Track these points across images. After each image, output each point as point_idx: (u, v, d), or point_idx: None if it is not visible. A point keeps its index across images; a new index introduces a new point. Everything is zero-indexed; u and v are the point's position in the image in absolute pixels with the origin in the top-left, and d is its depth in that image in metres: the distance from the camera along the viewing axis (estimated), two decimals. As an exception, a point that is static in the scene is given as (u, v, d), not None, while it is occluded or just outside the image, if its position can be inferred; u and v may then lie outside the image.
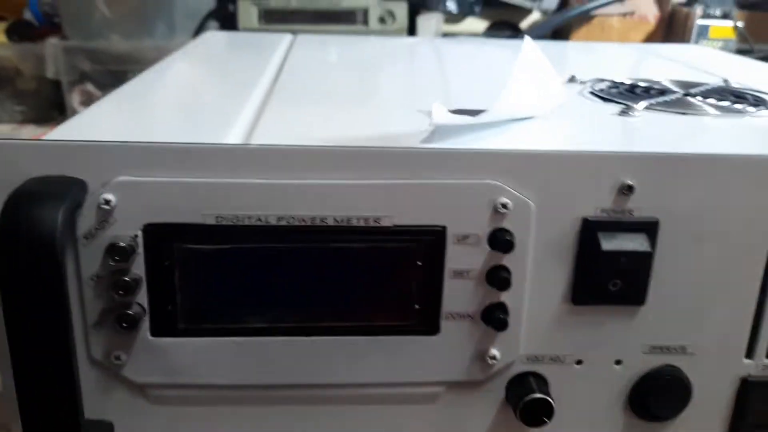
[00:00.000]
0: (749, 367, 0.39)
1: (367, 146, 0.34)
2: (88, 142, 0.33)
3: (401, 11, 1.40)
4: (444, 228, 0.35)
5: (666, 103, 0.48)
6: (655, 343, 0.38)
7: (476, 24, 1.47)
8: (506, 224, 0.35)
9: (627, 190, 0.35)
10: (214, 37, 0.76)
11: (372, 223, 0.35)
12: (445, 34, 1.43)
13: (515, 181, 0.35)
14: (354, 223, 0.35)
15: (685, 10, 1.56)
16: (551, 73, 0.42)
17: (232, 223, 0.34)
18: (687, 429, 0.40)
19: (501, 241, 0.35)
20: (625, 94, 0.51)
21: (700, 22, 1.51)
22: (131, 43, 1.10)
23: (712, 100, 0.50)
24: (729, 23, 1.51)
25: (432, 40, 0.85)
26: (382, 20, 1.37)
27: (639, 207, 0.36)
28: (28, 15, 1.19)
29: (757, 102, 0.50)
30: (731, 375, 0.39)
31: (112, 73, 1.12)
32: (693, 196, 0.36)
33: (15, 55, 1.13)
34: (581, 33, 1.43)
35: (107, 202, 0.33)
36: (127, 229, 0.34)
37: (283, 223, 0.34)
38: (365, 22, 1.35)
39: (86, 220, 0.34)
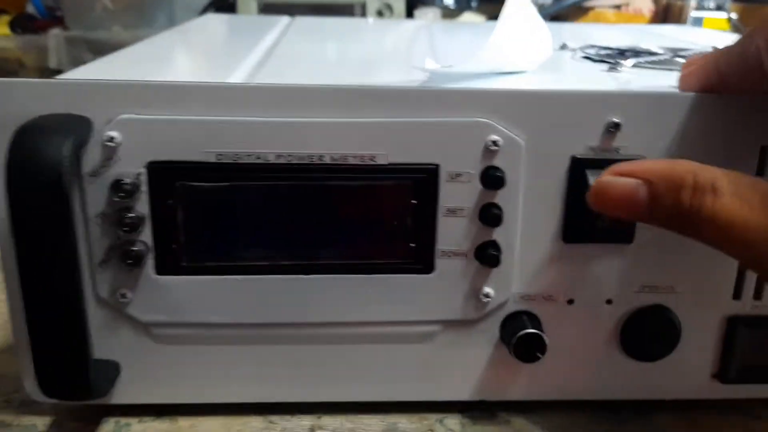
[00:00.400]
0: (737, 307, 0.40)
1: (363, 85, 0.36)
2: (93, 80, 0.35)
3: (399, 5, 1.42)
4: (437, 166, 0.36)
5: (654, 62, 0.50)
6: (645, 283, 0.39)
7: (473, 19, 1.49)
8: (497, 162, 0.36)
9: (614, 128, 0.36)
10: (214, 17, 0.78)
11: (367, 161, 0.36)
12: (442, 26, 1.43)
13: (506, 119, 0.36)
14: (350, 161, 0.36)
15: (679, 2, 1.57)
16: (540, 24, 0.43)
17: (232, 161, 0.35)
18: (676, 369, 0.41)
19: (492, 178, 0.36)
20: (615, 56, 0.52)
21: (694, 14, 1.53)
22: (132, 34, 1.11)
23: (699, 61, 0.51)
24: (723, 15, 1.52)
25: (429, 23, 0.86)
26: (380, 14, 1.39)
27: (626, 145, 0.37)
28: (30, 8, 1.21)
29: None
30: (719, 315, 0.40)
31: (114, 64, 1.14)
32: (678, 134, 0.37)
33: (18, 47, 1.15)
34: (576, 24, 1.44)
35: (111, 139, 0.35)
36: (131, 167, 0.35)
37: (282, 161, 0.36)
38: (363, 15, 1.36)
39: (91, 157, 0.35)
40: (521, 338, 0.38)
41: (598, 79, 0.43)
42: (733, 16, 1.49)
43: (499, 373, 0.41)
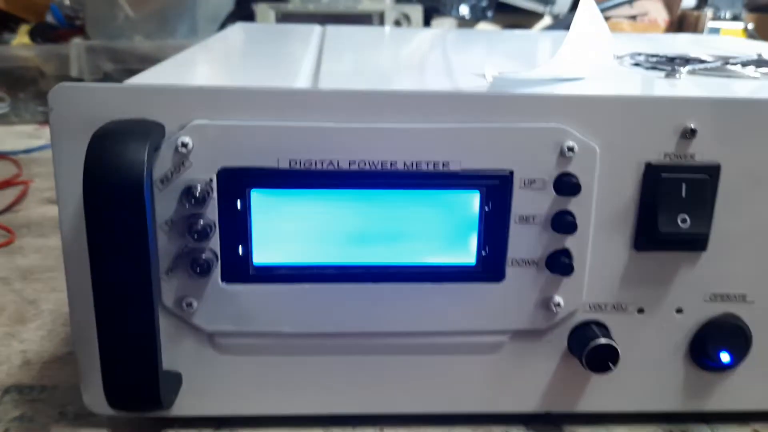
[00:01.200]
0: (807, 316, 0.40)
1: (435, 91, 0.35)
2: (167, 85, 0.34)
3: (416, 15, 1.42)
4: (511, 172, 0.36)
5: (708, 69, 0.49)
6: (716, 291, 0.39)
7: (488, 29, 1.49)
8: (572, 168, 0.36)
9: (690, 134, 0.36)
10: (248, 26, 0.78)
11: (441, 168, 0.35)
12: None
13: (581, 125, 0.35)
14: (423, 167, 0.35)
15: (695, 13, 1.57)
16: (603, 29, 0.43)
17: (304, 168, 0.35)
18: (746, 379, 0.40)
19: (567, 185, 0.36)
20: (666, 63, 0.52)
21: (710, 24, 1.53)
22: (154, 43, 1.11)
23: (751, 68, 0.51)
24: (739, 25, 1.53)
25: (453, 30, 0.86)
26: (397, 23, 1.39)
27: (701, 151, 0.36)
28: (50, 18, 1.20)
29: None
30: (790, 324, 0.40)
31: (135, 73, 1.14)
32: (754, 141, 0.36)
33: (38, 56, 1.15)
34: (595, 34, 1.45)
35: (184, 145, 0.34)
36: (202, 173, 0.35)
37: (355, 167, 0.35)
38: (381, 25, 1.36)
39: (163, 164, 0.34)
40: (594, 349, 0.37)
41: (660, 86, 0.43)
42: (750, 26, 1.49)
43: (564, 385, 0.40)
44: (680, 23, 1.60)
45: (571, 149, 0.35)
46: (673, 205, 0.36)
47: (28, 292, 0.56)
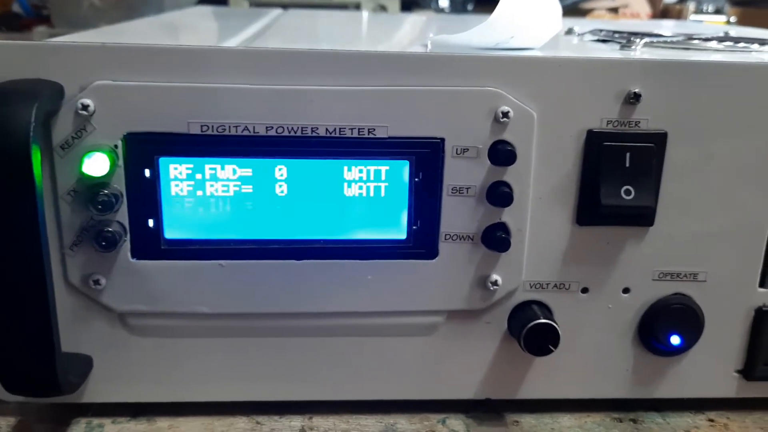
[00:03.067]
0: (764, 297, 0.37)
1: (362, 50, 0.33)
2: (65, 42, 0.32)
3: (393, 6, 1.39)
4: (442, 140, 0.33)
5: (666, 42, 0.47)
6: (665, 269, 0.36)
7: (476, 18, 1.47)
8: (507, 135, 0.33)
9: (634, 98, 0.34)
10: (204, 8, 0.75)
11: (366, 134, 0.33)
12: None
13: (517, 89, 0.33)
14: (347, 133, 0.33)
15: (678, 6, 1.56)
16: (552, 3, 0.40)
17: (218, 133, 0.32)
18: (700, 364, 0.38)
19: (502, 153, 0.33)
20: (625, 37, 0.49)
21: (692, 17, 1.51)
22: (120, 32, 1.08)
23: (714, 42, 0.48)
24: (722, 18, 1.51)
25: (426, 16, 0.84)
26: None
27: (646, 118, 0.34)
28: (16, 7, 1.18)
29: (761, 43, 0.48)
30: (745, 305, 0.37)
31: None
32: (704, 107, 0.34)
33: (2, 46, 1.12)
34: (574, 25, 1.43)
35: (85, 107, 0.31)
36: (106, 138, 0.32)
37: (272, 133, 0.33)
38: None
39: (62, 128, 0.32)
40: (532, 329, 0.35)
41: (609, 53, 0.41)
42: (732, 19, 1.47)
43: (506, 370, 0.38)
44: (663, 16, 1.58)
45: (506, 115, 0.33)
46: (617, 176, 0.34)
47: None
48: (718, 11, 1.54)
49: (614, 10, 1.54)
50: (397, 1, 1.38)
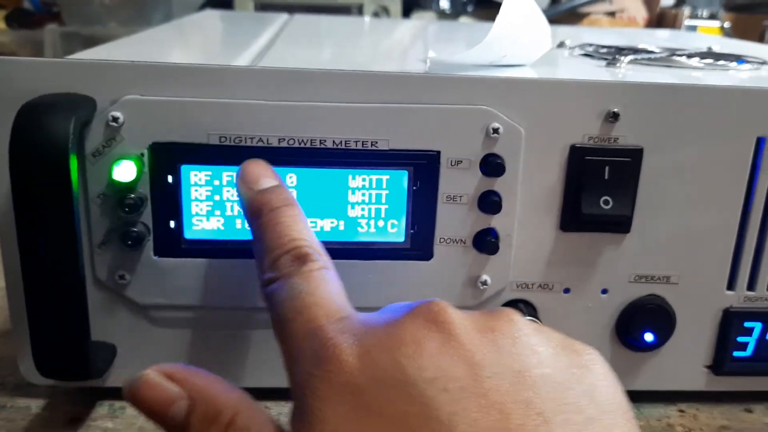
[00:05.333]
0: (731, 299, 0.41)
1: (366, 71, 0.36)
2: (98, 60, 0.35)
3: (395, 7, 1.42)
4: (438, 153, 0.37)
5: (651, 59, 0.50)
6: (640, 273, 0.40)
7: (469, 23, 1.50)
8: (497, 149, 0.37)
9: (612, 117, 0.37)
10: (213, 13, 0.78)
11: (369, 147, 0.36)
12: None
13: (507, 107, 0.36)
14: (352, 146, 0.36)
15: (673, 11, 1.59)
16: (539, 18, 0.44)
17: (234, 144, 0.36)
18: (672, 359, 0.41)
19: (492, 165, 0.37)
20: (613, 53, 0.53)
21: (687, 22, 1.54)
22: (129, 30, 1.11)
23: (696, 59, 0.52)
24: (716, 24, 1.54)
25: (426, 23, 0.87)
26: (375, 15, 1.39)
27: (624, 135, 0.37)
28: (26, 3, 1.21)
29: (741, 61, 0.51)
30: (714, 306, 0.41)
31: (110, 60, 1.14)
32: (676, 125, 0.37)
33: (13, 42, 1.15)
34: (571, 29, 1.46)
35: (115, 119, 0.35)
36: (134, 148, 0.35)
37: (284, 144, 0.36)
38: (359, 16, 1.37)
39: (94, 137, 0.35)
40: (518, 325, 0.38)
41: (596, 73, 0.44)
42: (726, 25, 1.50)
43: (495, 362, 0.41)
44: (659, 21, 1.61)
45: (496, 131, 0.36)
46: (597, 187, 0.37)
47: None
48: (712, 16, 1.56)
49: (611, 14, 1.57)
50: (398, 2, 1.40)
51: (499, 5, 0.41)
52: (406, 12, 1.49)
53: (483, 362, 0.23)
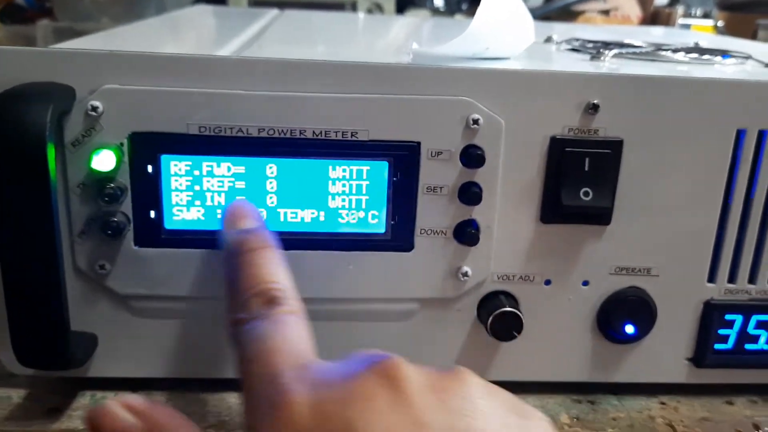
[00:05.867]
0: (712, 291, 0.41)
1: (347, 61, 0.36)
2: (78, 49, 0.35)
3: (389, 5, 1.42)
4: (418, 143, 0.37)
5: (635, 54, 0.50)
6: (621, 265, 0.40)
7: (463, 21, 1.50)
8: (477, 140, 0.37)
9: (592, 109, 0.37)
10: (204, 7, 0.78)
11: (349, 137, 0.36)
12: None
13: (487, 98, 0.36)
14: (332, 136, 0.36)
15: (667, 10, 1.59)
16: (522, 11, 0.44)
17: (214, 134, 0.36)
18: (651, 352, 0.41)
19: (473, 156, 0.37)
20: (598, 47, 0.53)
21: (681, 21, 1.54)
22: (121, 26, 1.11)
23: (681, 54, 0.52)
24: (709, 23, 1.54)
25: (421, 19, 0.87)
26: (369, 12, 1.39)
27: (604, 127, 0.37)
28: (19, -1, 1.21)
29: (726, 56, 0.52)
30: (695, 298, 0.41)
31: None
32: (657, 117, 0.37)
33: (5, 38, 1.14)
34: (564, 28, 1.46)
35: (94, 108, 0.35)
36: (113, 137, 0.35)
37: (264, 134, 0.36)
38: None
39: (73, 127, 0.35)
40: (498, 316, 0.38)
41: (579, 66, 0.44)
42: (720, 24, 1.51)
43: (475, 353, 0.41)
44: (653, 19, 1.61)
45: (476, 122, 0.36)
46: (577, 178, 0.37)
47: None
48: (706, 15, 1.57)
49: (605, 13, 1.57)
50: (392, 0, 1.40)
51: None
52: (400, 9, 1.49)
53: (431, 423, 0.23)
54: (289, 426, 0.24)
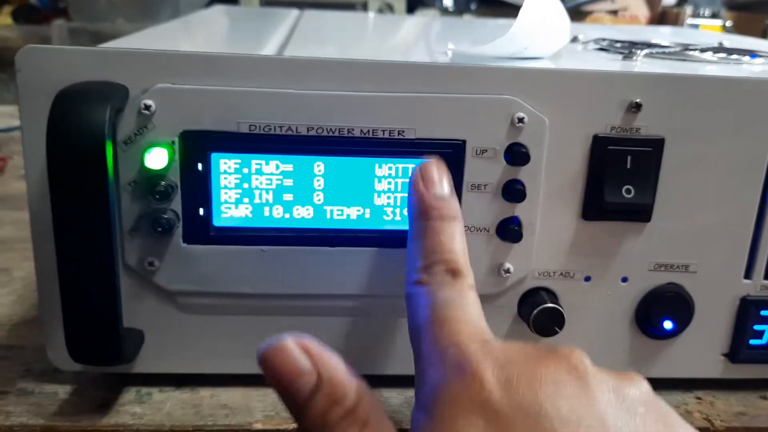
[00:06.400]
0: (748, 287, 0.41)
1: (393, 60, 0.37)
2: (132, 49, 0.35)
3: (400, 5, 1.43)
4: (464, 141, 0.37)
5: (665, 53, 0.51)
6: (660, 261, 0.40)
7: (472, 20, 1.51)
8: (522, 139, 0.37)
9: (635, 108, 0.37)
10: (226, 8, 0.79)
11: (396, 135, 0.37)
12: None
13: (531, 97, 0.37)
14: (379, 135, 0.37)
15: (675, 10, 1.60)
16: (560, 11, 0.44)
17: (264, 132, 0.36)
18: (690, 347, 0.42)
19: (517, 154, 0.37)
20: (627, 47, 0.53)
21: (689, 21, 1.55)
22: (136, 27, 1.12)
23: (709, 53, 0.52)
24: (718, 22, 1.55)
25: (431, 19, 0.88)
26: (380, 12, 1.40)
27: (646, 125, 0.38)
28: (33, -1, 1.21)
29: (754, 55, 0.52)
30: (731, 294, 0.41)
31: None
32: (697, 116, 0.38)
33: (20, 37, 1.15)
34: (575, 27, 1.47)
35: (147, 107, 0.35)
36: (164, 136, 0.36)
37: (312, 133, 0.36)
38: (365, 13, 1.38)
39: (126, 125, 0.36)
40: (540, 312, 0.39)
41: (615, 65, 0.44)
42: (728, 23, 1.51)
43: (515, 349, 0.41)
44: (661, 19, 1.62)
45: (521, 120, 0.37)
46: (619, 176, 0.38)
47: (1, 261, 0.57)
48: (714, 15, 1.57)
49: (614, 13, 1.58)
50: (403, 0, 1.41)
51: (501, 2, 0.42)
52: (410, 9, 1.50)
53: (614, 422, 0.24)
54: (479, 395, 0.24)
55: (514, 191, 0.38)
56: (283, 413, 0.39)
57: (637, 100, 0.37)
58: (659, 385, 0.42)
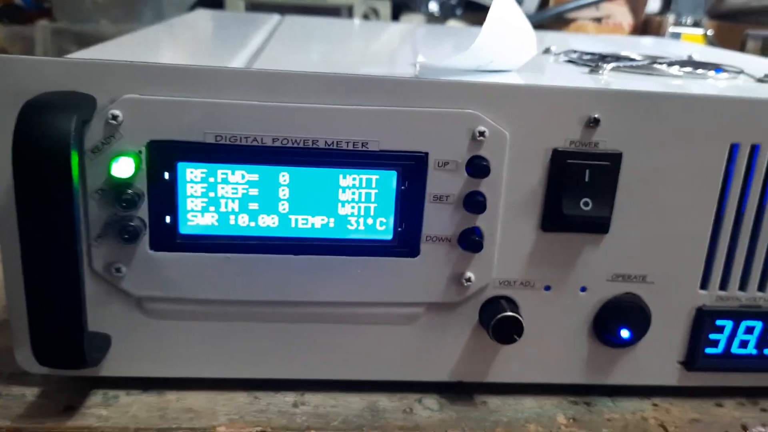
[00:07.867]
0: (704, 297, 0.42)
1: (358, 74, 0.37)
2: (99, 60, 0.36)
3: (385, 10, 1.44)
4: (426, 154, 0.38)
5: (632, 67, 0.52)
6: (618, 272, 0.41)
7: (458, 26, 1.51)
8: (483, 152, 0.38)
9: (593, 123, 0.38)
10: (205, 13, 0.79)
11: (360, 147, 0.38)
12: (427, 32, 1.46)
13: (492, 111, 0.38)
14: (343, 146, 0.38)
15: (658, 18, 1.61)
16: (525, 25, 0.45)
17: (230, 143, 0.37)
18: (647, 355, 0.43)
19: (478, 167, 0.38)
20: (596, 60, 0.54)
21: (672, 29, 1.57)
22: (119, 28, 1.12)
23: (676, 68, 0.53)
24: (700, 31, 1.56)
25: (415, 26, 0.88)
26: (365, 17, 1.41)
27: (604, 140, 0.39)
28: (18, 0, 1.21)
29: (718, 70, 0.53)
30: (687, 304, 0.43)
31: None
32: (655, 131, 0.39)
33: (4, 38, 1.15)
34: (558, 34, 1.47)
35: (114, 117, 0.36)
36: (132, 145, 0.36)
37: (278, 144, 0.37)
38: (349, 18, 1.38)
39: (94, 134, 0.36)
40: (500, 320, 0.40)
41: (579, 80, 0.46)
42: (710, 32, 1.53)
43: (476, 356, 0.42)
44: (644, 27, 1.63)
45: (482, 134, 0.38)
46: (577, 189, 0.39)
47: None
48: (696, 24, 1.59)
49: (597, 20, 1.59)
50: (388, 5, 1.42)
51: (487, 9, 0.43)
52: (396, 14, 1.51)
53: None
54: None
55: (475, 203, 0.39)
56: (247, 417, 0.40)
57: (596, 116, 0.38)
58: (617, 392, 0.44)
